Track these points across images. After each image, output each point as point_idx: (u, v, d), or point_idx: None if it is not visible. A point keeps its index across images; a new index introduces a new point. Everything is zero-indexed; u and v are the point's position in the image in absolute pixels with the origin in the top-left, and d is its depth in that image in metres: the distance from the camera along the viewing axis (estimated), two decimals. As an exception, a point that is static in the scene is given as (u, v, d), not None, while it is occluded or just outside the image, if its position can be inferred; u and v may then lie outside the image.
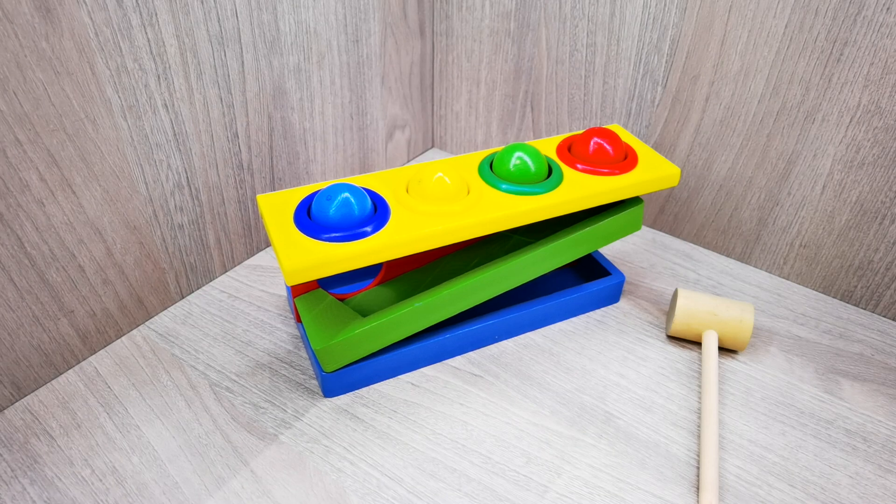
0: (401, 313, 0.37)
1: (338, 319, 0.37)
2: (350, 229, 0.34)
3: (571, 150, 0.42)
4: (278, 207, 0.36)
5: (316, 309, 0.38)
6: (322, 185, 0.37)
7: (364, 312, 0.39)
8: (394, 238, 0.34)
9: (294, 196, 0.37)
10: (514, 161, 0.39)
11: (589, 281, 0.45)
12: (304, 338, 0.40)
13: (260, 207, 0.36)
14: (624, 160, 0.42)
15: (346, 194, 0.35)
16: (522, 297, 0.43)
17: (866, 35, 0.39)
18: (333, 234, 0.34)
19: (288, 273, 0.32)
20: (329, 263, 0.33)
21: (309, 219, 0.35)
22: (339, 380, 0.38)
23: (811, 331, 0.45)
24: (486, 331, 0.42)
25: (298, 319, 0.41)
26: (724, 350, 0.43)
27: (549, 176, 0.40)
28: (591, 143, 0.41)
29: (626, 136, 0.44)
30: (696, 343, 0.43)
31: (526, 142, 0.45)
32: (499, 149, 0.42)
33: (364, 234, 0.34)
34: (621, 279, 0.46)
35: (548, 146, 0.43)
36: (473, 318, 0.42)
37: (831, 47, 0.41)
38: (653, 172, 0.41)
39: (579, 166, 0.41)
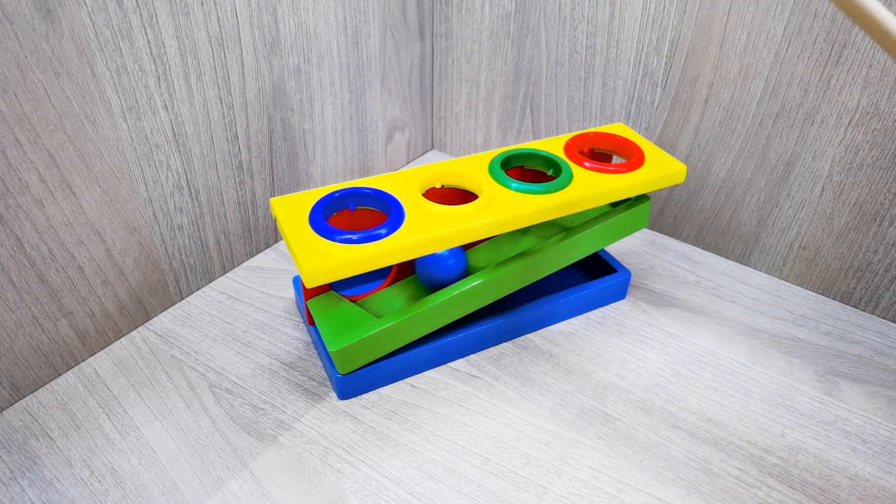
0: (415, 313, 0.37)
1: (352, 321, 0.37)
2: (366, 231, 0.34)
3: (579, 150, 0.43)
4: (293, 210, 0.36)
5: (329, 311, 0.38)
6: (336, 187, 0.38)
7: (377, 313, 0.39)
8: (409, 239, 0.34)
9: (307, 199, 0.37)
10: None
11: (594, 279, 0.46)
12: (318, 340, 0.40)
13: (273, 210, 0.36)
14: (631, 158, 0.42)
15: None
16: (527, 297, 0.44)
17: (865, 37, 0.39)
18: (349, 236, 0.34)
19: (307, 276, 0.32)
20: (347, 265, 0.33)
21: (325, 221, 0.35)
22: (353, 382, 0.38)
23: (811, 332, 0.45)
24: (499, 329, 0.42)
25: (311, 322, 0.41)
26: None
27: (558, 175, 0.40)
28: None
29: (632, 135, 0.44)
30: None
31: (528, 142, 0.45)
32: (508, 148, 0.42)
33: (379, 236, 0.34)
34: (627, 276, 0.46)
35: (555, 145, 0.43)
36: (485, 318, 0.42)
37: (830, 49, 0.41)
38: (660, 170, 0.41)
39: (587, 165, 0.41)
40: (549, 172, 0.42)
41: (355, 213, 0.39)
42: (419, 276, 0.40)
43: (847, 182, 0.44)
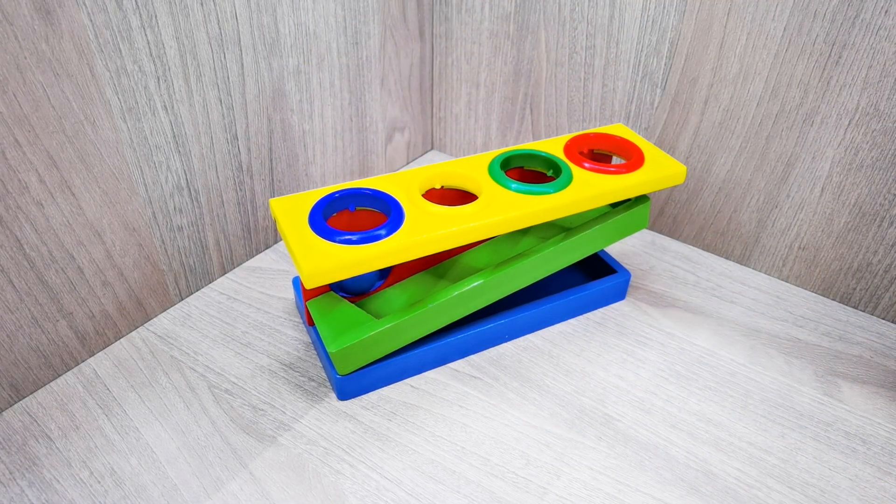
0: (415, 314, 0.37)
1: (352, 322, 0.37)
2: (365, 231, 0.34)
3: (579, 150, 0.43)
4: (292, 211, 0.36)
5: (329, 312, 0.38)
6: (336, 187, 0.38)
7: (376, 314, 0.39)
8: (409, 240, 0.34)
9: (307, 199, 0.37)
10: None
11: (594, 279, 0.46)
12: (318, 341, 0.40)
13: (273, 211, 0.36)
14: (631, 159, 0.42)
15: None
16: (527, 298, 0.44)
17: (864, 38, 0.39)
18: (348, 237, 0.34)
19: (307, 276, 0.32)
20: (347, 266, 0.33)
21: (325, 222, 0.35)
22: (352, 383, 0.38)
23: (810, 333, 0.45)
24: (499, 330, 0.42)
25: (310, 323, 0.41)
26: (725, 350, 0.43)
27: (558, 175, 0.40)
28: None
29: (631, 136, 0.45)
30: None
31: (528, 143, 0.45)
32: (508, 148, 0.42)
33: (379, 237, 0.34)
34: (627, 276, 0.46)
35: (555, 146, 0.43)
36: (485, 318, 0.42)
37: (830, 50, 0.41)
38: (660, 170, 0.41)
39: (587, 165, 0.41)
40: (549, 173, 0.42)
41: (355, 213, 0.39)
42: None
43: (847, 183, 0.44)
